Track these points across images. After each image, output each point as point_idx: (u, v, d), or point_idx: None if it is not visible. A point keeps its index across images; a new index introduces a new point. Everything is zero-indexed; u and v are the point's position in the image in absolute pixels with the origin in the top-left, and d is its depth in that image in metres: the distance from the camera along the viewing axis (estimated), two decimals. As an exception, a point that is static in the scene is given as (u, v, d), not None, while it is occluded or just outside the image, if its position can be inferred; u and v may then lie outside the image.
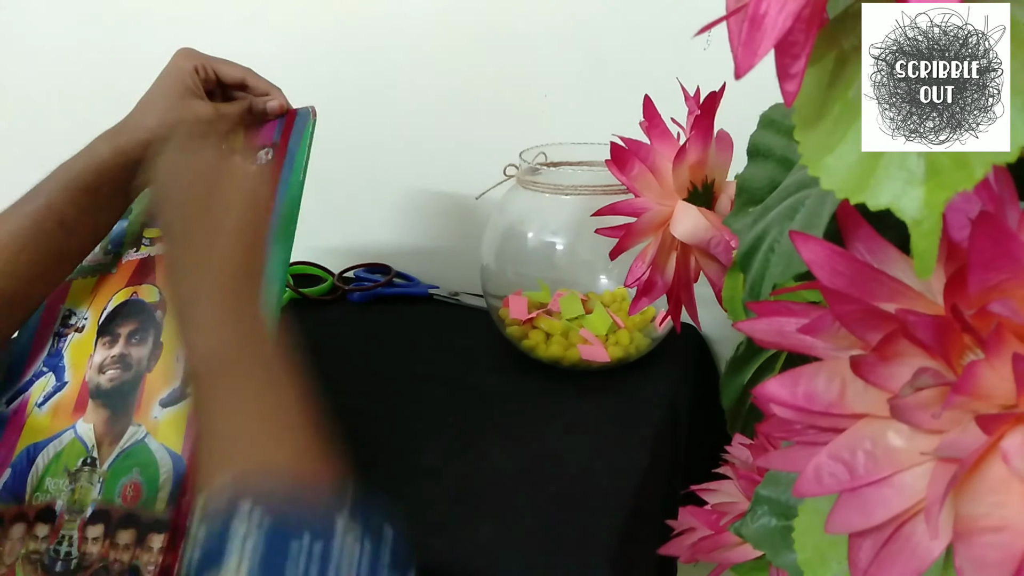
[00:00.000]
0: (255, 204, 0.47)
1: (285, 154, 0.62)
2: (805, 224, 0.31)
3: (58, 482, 0.55)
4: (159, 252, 0.62)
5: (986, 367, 0.21)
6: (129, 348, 0.59)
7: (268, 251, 0.50)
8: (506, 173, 0.79)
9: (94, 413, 0.57)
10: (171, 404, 0.55)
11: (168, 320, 0.58)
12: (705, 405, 0.83)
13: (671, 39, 0.78)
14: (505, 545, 0.54)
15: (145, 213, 0.61)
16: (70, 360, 0.61)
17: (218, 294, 0.43)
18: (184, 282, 0.44)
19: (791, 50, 0.22)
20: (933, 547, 0.22)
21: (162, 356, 0.58)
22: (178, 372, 0.56)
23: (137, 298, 0.62)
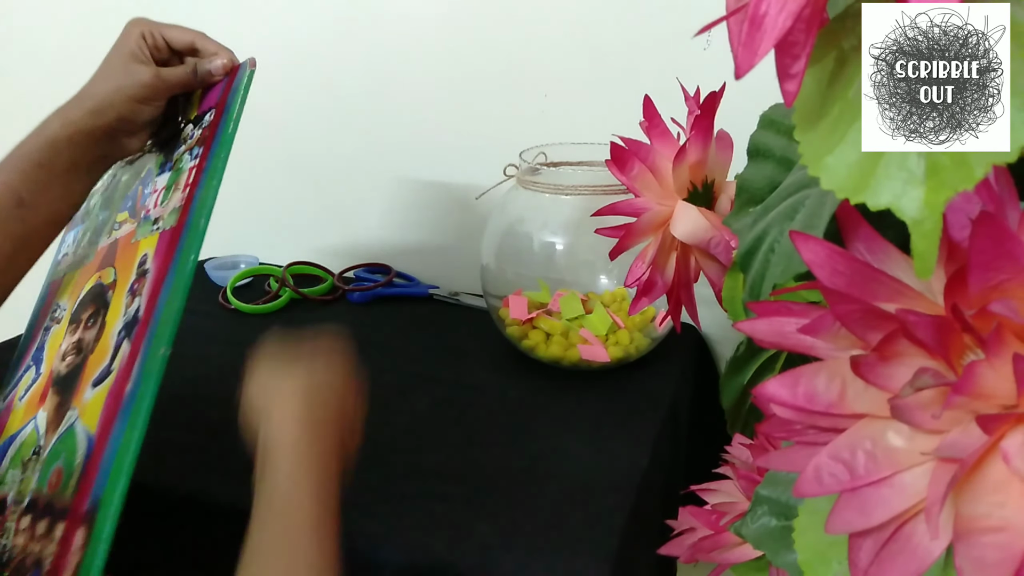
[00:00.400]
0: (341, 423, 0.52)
1: (223, 111, 0.60)
2: (805, 224, 0.31)
3: (15, 473, 0.54)
4: (122, 233, 0.61)
5: (986, 367, 0.21)
6: (85, 332, 0.58)
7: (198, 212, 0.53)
8: (506, 173, 0.79)
9: (50, 401, 0.56)
10: (99, 382, 0.52)
11: (112, 300, 0.57)
12: (705, 405, 0.83)
13: (671, 39, 0.78)
14: (505, 545, 0.54)
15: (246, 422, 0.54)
16: (47, 352, 0.61)
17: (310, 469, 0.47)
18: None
19: (791, 50, 0.22)
20: (933, 547, 0.22)
21: (102, 336, 0.55)
22: (112, 344, 0.53)
23: (100, 282, 0.61)
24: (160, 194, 0.60)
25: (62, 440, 0.52)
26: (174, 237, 0.54)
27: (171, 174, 0.61)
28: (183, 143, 0.62)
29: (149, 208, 0.60)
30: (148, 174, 0.64)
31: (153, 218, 0.59)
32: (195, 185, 0.56)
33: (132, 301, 0.55)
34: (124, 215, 0.64)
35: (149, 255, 0.56)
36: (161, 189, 0.61)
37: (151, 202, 0.61)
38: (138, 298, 0.54)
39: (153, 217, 0.59)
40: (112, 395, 0.50)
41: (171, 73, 0.61)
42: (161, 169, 0.63)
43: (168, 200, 0.59)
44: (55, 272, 0.70)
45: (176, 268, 0.52)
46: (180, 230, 0.54)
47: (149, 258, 0.56)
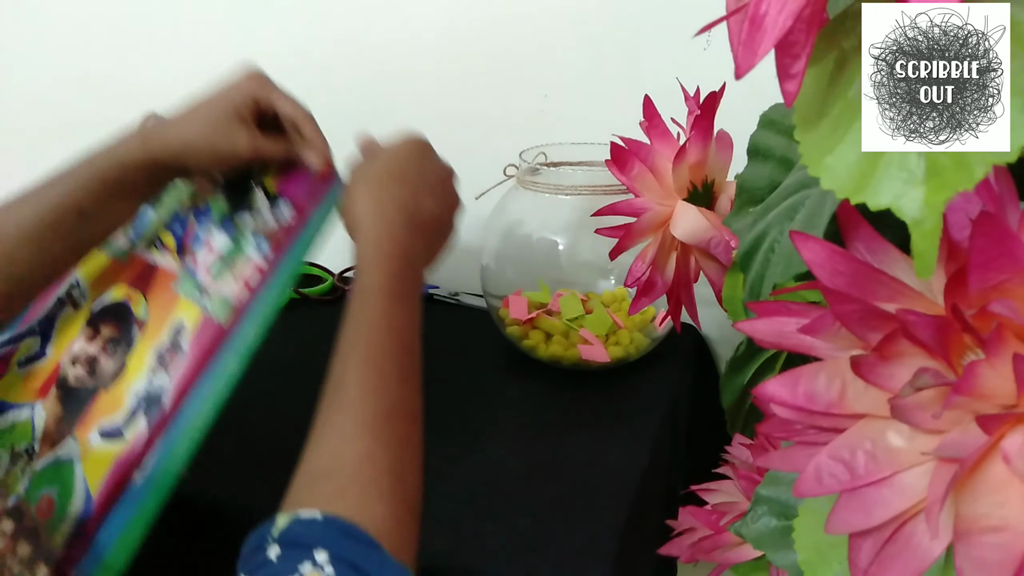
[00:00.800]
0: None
1: (304, 220, 0.60)
2: (805, 224, 0.31)
3: (1, 454, 0.54)
4: (164, 265, 0.60)
5: (986, 367, 0.21)
6: (103, 354, 0.57)
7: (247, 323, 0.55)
8: (506, 173, 0.79)
9: (53, 403, 0.56)
10: (108, 437, 0.53)
11: (139, 344, 0.56)
12: (705, 405, 0.83)
13: (671, 39, 0.78)
14: (505, 544, 0.54)
15: None
16: (57, 334, 0.59)
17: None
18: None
19: (791, 50, 0.22)
20: (933, 547, 0.22)
21: (121, 379, 0.55)
22: (128, 402, 0.54)
23: (128, 304, 0.60)
24: (214, 260, 0.60)
25: (58, 469, 0.53)
26: (218, 337, 0.55)
27: (231, 244, 0.60)
28: (250, 208, 0.61)
29: (198, 263, 0.60)
30: (206, 214, 0.63)
31: (200, 284, 0.58)
32: (255, 290, 0.57)
33: (158, 370, 0.55)
34: (170, 239, 0.62)
35: (187, 329, 0.56)
36: (216, 254, 0.60)
37: (202, 258, 0.60)
38: (165, 375, 0.54)
39: (201, 283, 0.58)
40: (120, 468, 0.51)
41: (267, 147, 0.59)
42: (222, 223, 0.62)
43: (221, 278, 0.58)
44: None
45: (213, 387, 0.53)
46: (225, 334, 0.55)
47: (187, 333, 0.56)
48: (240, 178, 0.62)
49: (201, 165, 0.57)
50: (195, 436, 0.51)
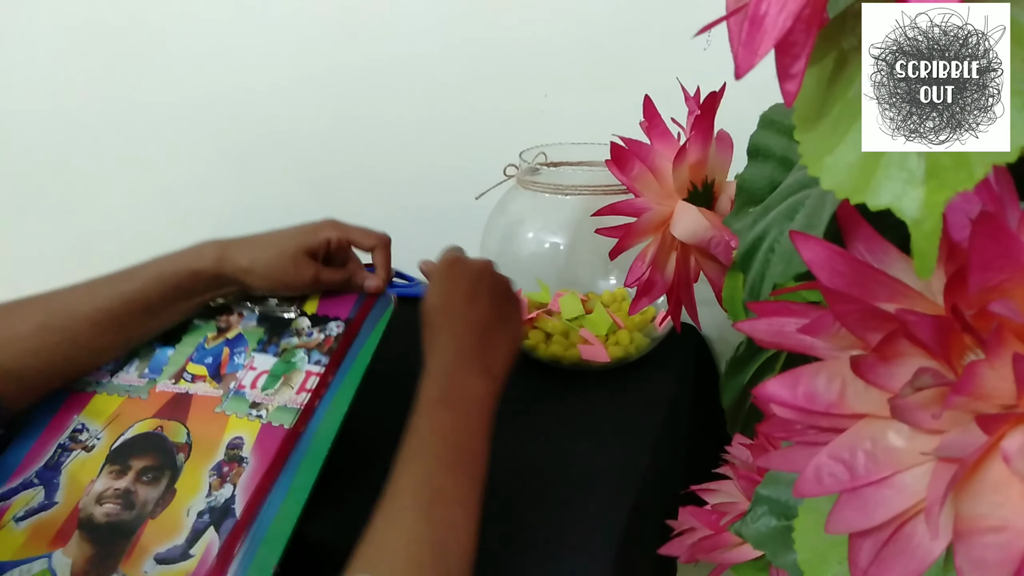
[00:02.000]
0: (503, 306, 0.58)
1: (356, 335, 0.63)
2: (805, 224, 0.31)
3: None
4: (201, 392, 0.61)
5: (986, 367, 0.21)
6: (138, 485, 0.55)
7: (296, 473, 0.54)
8: (506, 173, 0.79)
9: (77, 547, 0.52)
10: (168, 563, 0.51)
11: (187, 467, 0.56)
12: (705, 405, 0.83)
13: (671, 39, 0.78)
14: (505, 544, 0.54)
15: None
16: (68, 480, 0.56)
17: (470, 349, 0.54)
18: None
19: (791, 50, 0.22)
20: (933, 547, 0.22)
21: (171, 504, 0.54)
22: (188, 523, 0.53)
23: (161, 433, 0.58)
24: (262, 378, 0.61)
25: None
26: (288, 441, 0.56)
27: (278, 363, 0.62)
28: (294, 333, 0.64)
29: (244, 384, 0.61)
30: (240, 341, 0.64)
31: (251, 400, 0.59)
32: (318, 396, 0.59)
33: (220, 485, 0.54)
34: (200, 369, 0.63)
35: (247, 442, 0.57)
36: (262, 373, 0.61)
37: (246, 379, 0.61)
38: (230, 486, 0.54)
39: (251, 399, 0.59)
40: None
41: (329, 278, 0.64)
42: (261, 348, 0.63)
43: (275, 391, 0.60)
44: (80, 382, 0.63)
45: (293, 484, 0.54)
46: (293, 435, 0.56)
47: (247, 446, 0.56)
48: (273, 309, 0.66)
49: (262, 287, 0.62)
50: (286, 525, 0.51)
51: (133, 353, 0.64)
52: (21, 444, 0.59)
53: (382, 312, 0.65)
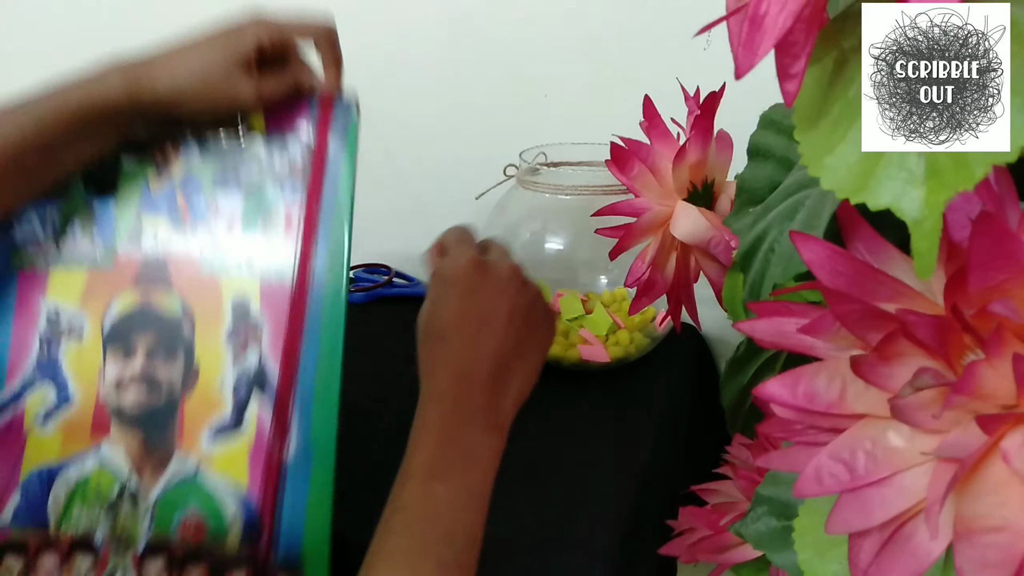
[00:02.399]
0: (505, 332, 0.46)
1: (326, 157, 0.55)
2: (805, 224, 0.31)
3: (90, 513, 0.51)
4: (174, 253, 0.55)
5: (986, 367, 0.21)
6: (152, 366, 0.53)
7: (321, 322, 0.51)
8: (506, 173, 0.79)
9: (122, 436, 0.52)
10: (224, 433, 0.51)
11: (201, 338, 0.53)
12: (705, 405, 0.83)
13: (671, 39, 0.78)
14: (505, 545, 0.54)
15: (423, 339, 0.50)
16: (72, 372, 0.54)
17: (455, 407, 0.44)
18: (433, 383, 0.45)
19: (791, 50, 0.22)
20: (933, 547, 0.22)
21: (200, 380, 0.52)
22: (227, 395, 0.51)
23: (152, 309, 0.54)
24: (237, 224, 0.54)
25: (180, 489, 0.51)
26: (298, 298, 0.52)
27: (247, 202, 0.55)
28: (251, 160, 0.56)
29: (221, 235, 0.55)
30: (191, 183, 0.56)
31: (238, 256, 0.54)
32: (308, 236, 0.53)
33: (243, 352, 0.52)
34: (161, 222, 0.56)
35: (252, 303, 0.53)
36: (236, 216, 0.55)
37: (222, 227, 0.55)
38: (254, 351, 0.52)
39: (235, 251, 0.54)
40: (259, 454, 0.50)
41: (270, 89, 0.52)
42: (221, 184, 0.55)
43: (255, 238, 0.54)
44: (22, 258, 0.56)
45: (321, 347, 0.51)
46: (304, 288, 0.52)
47: (254, 307, 0.53)
48: (211, 126, 0.56)
49: (192, 115, 0.51)
50: (330, 388, 0.50)
51: (67, 213, 0.56)
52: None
53: (345, 124, 0.56)
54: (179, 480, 0.51)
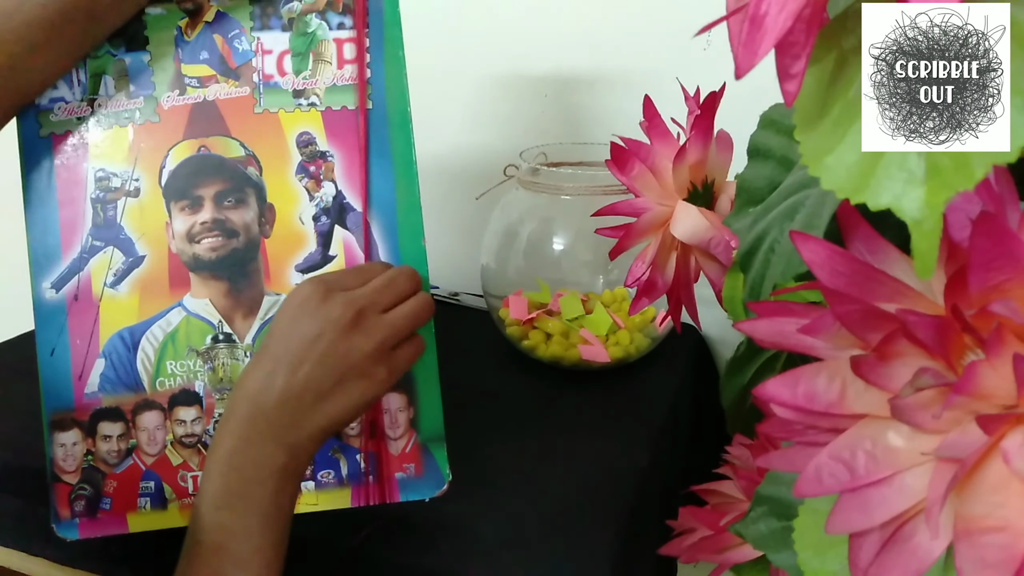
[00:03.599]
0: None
1: (366, 14, 0.54)
2: (805, 224, 0.31)
3: (186, 364, 0.52)
4: (224, 95, 0.53)
5: (986, 367, 0.21)
6: (224, 212, 0.52)
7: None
8: (506, 173, 0.79)
9: (204, 286, 0.52)
10: (315, 268, 0.52)
11: (271, 178, 0.52)
12: (705, 405, 0.83)
13: (671, 39, 0.78)
14: (506, 545, 0.54)
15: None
16: (136, 230, 0.52)
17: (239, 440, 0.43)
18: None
19: (791, 50, 0.22)
20: (934, 547, 0.22)
21: (277, 219, 0.52)
22: (310, 228, 0.52)
23: (209, 152, 0.53)
24: (286, 60, 0.53)
25: None
26: (364, 118, 0.52)
27: (294, 37, 0.53)
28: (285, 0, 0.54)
29: (270, 74, 0.53)
30: (227, 23, 0.54)
31: (291, 90, 0.53)
32: (364, 58, 0.53)
33: (318, 186, 0.52)
34: (203, 69, 0.53)
35: (317, 135, 0.52)
36: (282, 53, 0.53)
37: (269, 66, 0.53)
38: (329, 184, 0.52)
39: (290, 88, 0.53)
40: None
41: None
42: (259, 24, 0.54)
43: (312, 72, 0.53)
44: (52, 123, 0.53)
45: (395, 164, 0.52)
46: (367, 115, 0.52)
47: (320, 139, 0.52)
48: None
49: None
50: (412, 204, 0.52)
51: (96, 71, 0.53)
52: (40, 213, 0.52)
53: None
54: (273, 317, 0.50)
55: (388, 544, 0.55)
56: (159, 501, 0.51)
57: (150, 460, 0.51)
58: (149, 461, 0.51)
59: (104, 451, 0.51)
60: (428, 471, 0.52)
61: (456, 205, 0.98)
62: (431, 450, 0.52)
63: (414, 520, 0.57)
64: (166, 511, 0.51)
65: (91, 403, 0.51)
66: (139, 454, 0.51)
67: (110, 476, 0.51)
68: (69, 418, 0.51)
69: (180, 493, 0.51)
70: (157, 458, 0.51)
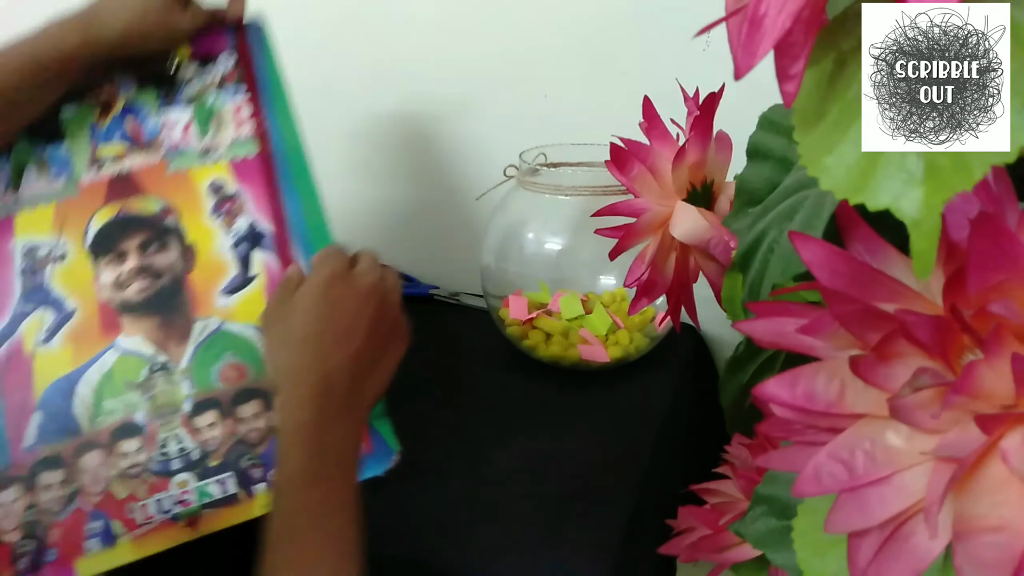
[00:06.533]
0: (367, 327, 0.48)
1: (256, 82, 0.60)
2: (804, 224, 0.31)
3: (124, 398, 0.53)
4: (138, 165, 0.58)
5: (985, 367, 0.21)
6: (148, 259, 0.55)
7: (286, 204, 0.57)
8: (506, 174, 0.79)
9: (136, 325, 0.54)
10: (238, 289, 0.54)
11: (189, 223, 0.56)
12: (705, 405, 0.83)
13: (671, 39, 0.78)
14: (506, 545, 0.54)
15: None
16: (66, 289, 0.55)
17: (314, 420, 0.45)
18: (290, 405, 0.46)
19: (790, 51, 0.22)
20: (932, 547, 0.22)
21: (199, 254, 0.56)
22: (230, 256, 0.55)
23: (129, 214, 0.57)
24: (192, 129, 0.59)
25: (210, 345, 0.53)
26: (266, 162, 0.58)
27: (195, 109, 0.59)
28: (188, 79, 0.60)
29: (177, 142, 0.59)
30: (137, 108, 0.60)
31: (199, 151, 0.58)
32: (259, 115, 0.59)
33: (232, 221, 0.56)
34: (116, 148, 0.59)
35: (226, 182, 0.57)
36: (188, 123, 0.59)
37: (175, 136, 0.59)
38: (241, 217, 0.56)
39: (197, 150, 0.58)
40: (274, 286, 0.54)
41: (199, 17, 0.59)
42: (166, 104, 0.60)
43: (214, 135, 0.59)
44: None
45: (296, 185, 0.57)
46: (269, 154, 0.58)
47: (229, 184, 0.57)
48: (145, 63, 0.60)
49: (138, 49, 0.56)
50: (318, 219, 0.57)
51: (18, 164, 0.58)
52: None
53: (259, 37, 0.62)
54: (206, 340, 0.53)
55: (388, 544, 0.55)
56: (108, 539, 0.50)
57: (95, 500, 0.51)
58: (94, 501, 0.51)
59: (46, 501, 0.51)
60: (377, 447, 0.53)
61: (456, 205, 0.98)
62: (376, 427, 0.53)
63: (414, 520, 0.57)
64: (115, 547, 0.50)
65: (29, 456, 0.52)
66: (83, 496, 0.51)
67: (54, 525, 0.50)
68: (6, 476, 0.51)
69: (130, 525, 0.51)
70: (102, 496, 0.51)
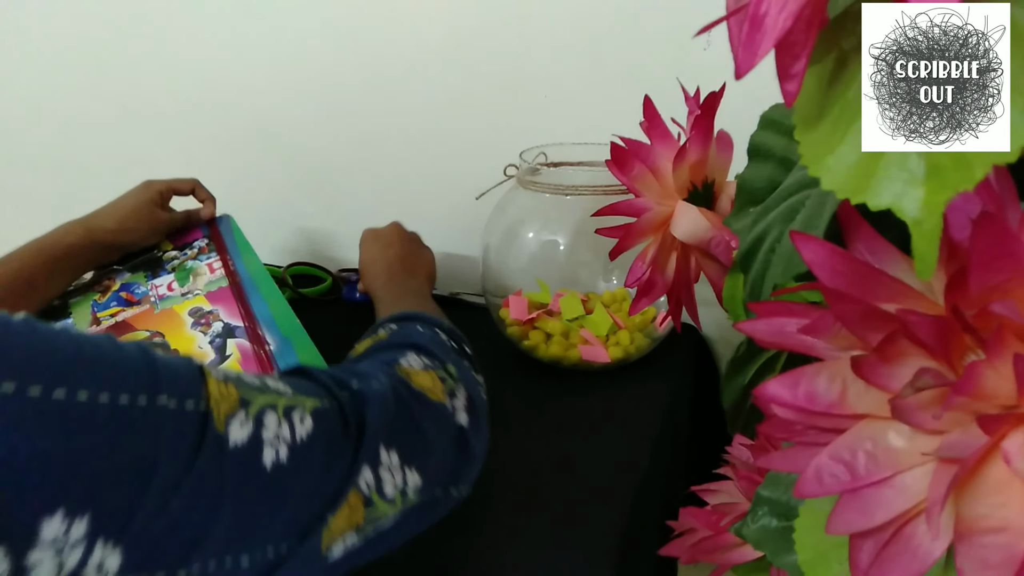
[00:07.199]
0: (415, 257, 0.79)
1: (225, 247, 0.80)
2: (805, 224, 0.31)
3: None
4: (129, 313, 0.74)
5: (987, 367, 0.21)
6: None
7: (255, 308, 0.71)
8: (506, 173, 0.79)
9: None
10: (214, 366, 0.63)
11: (173, 338, 0.69)
12: (705, 405, 0.83)
13: (671, 39, 0.78)
14: (506, 544, 0.54)
15: None
16: None
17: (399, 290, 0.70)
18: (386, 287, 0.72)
19: (791, 50, 0.22)
20: (934, 548, 0.22)
21: (181, 352, 0.60)
22: (208, 353, 0.65)
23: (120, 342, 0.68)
24: (174, 283, 0.76)
25: None
26: (235, 286, 0.73)
27: (177, 274, 0.77)
28: (172, 260, 0.80)
29: (163, 293, 0.75)
30: (130, 285, 0.78)
31: (180, 293, 0.74)
32: (228, 265, 0.76)
33: (208, 328, 0.69)
34: (112, 310, 0.75)
35: (203, 306, 0.72)
36: (171, 282, 0.77)
37: (163, 289, 0.76)
38: (217, 323, 0.69)
39: (180, 292, 0.75)
40: (255, 356, 0.65)
41: (178, 219, 0.83)
42: (152, 276, 0.78)
43: (192, 283, 0.76)
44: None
45: (262, 294, 0.72)
46: (238, 283, 0.74)
47: (206, 307, 0.72)
48: (142, 259, 0.82)
49: (133, 241, 0.79)
50: (283, 308, 0.70)
51: None
52: None
53: (229, 226, 0.84)
54: None
55: (388, 544, 0.55)
56: None
57: None
58: None
59: None
60: None
61: (456, 205, 0.98)
62: None
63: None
64: None
65: None
66: None
67: None
68: None
69: None
70: None
